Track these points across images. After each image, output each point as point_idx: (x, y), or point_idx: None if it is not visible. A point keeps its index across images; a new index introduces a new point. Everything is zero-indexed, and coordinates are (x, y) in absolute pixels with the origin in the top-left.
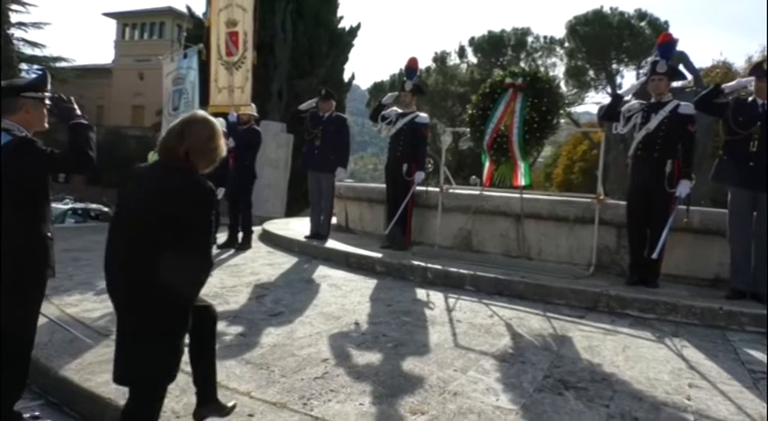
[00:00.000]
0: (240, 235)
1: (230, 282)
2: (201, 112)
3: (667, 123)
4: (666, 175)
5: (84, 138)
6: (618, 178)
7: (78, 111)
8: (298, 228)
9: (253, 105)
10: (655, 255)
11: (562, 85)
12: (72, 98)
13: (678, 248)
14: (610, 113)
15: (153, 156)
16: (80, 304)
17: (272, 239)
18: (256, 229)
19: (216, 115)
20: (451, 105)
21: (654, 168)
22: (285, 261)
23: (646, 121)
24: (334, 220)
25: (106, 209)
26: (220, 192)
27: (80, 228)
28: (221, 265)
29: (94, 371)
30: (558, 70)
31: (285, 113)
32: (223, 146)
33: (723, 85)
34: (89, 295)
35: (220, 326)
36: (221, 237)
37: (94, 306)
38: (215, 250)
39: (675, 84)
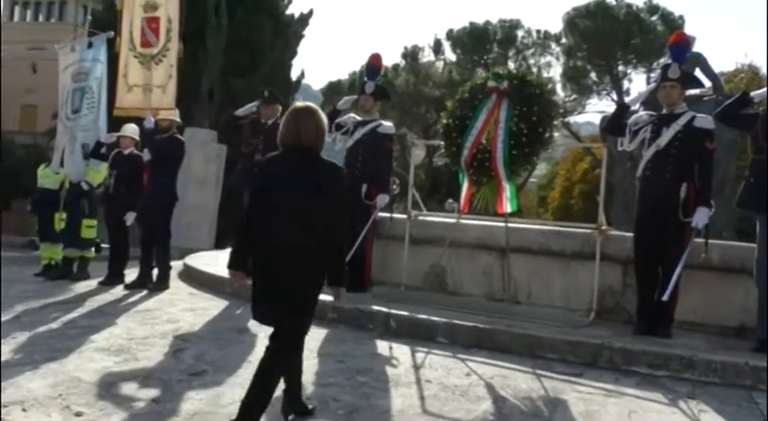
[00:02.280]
0: (155, 272)
1: (140, 331)
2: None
3: (681, 139)
4: (681, 202)
5: None
6: (624, 204)
7: None
8: None
9: (176, 110)
10: (666, 297)
11: (558, 89)
12: None
13: (695, 290)
14: (614, 126)
15: (43, 171)
16: None
17: (195, 278)
18: (176, 265)
19: (126, 120)
20: (424, 111)
21: (665, 193)
22: (212, 305)
23: (656, 136)
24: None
25: None
26: (130, 218)
27: None
28: (129, 311)
29: None
30: (554, 71)
31: (217, 119)
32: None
33: (752, 94)
34: None
35: (127, 389)
36: (130, 274)
37: None
38: (121, 291)
39: (691, 92)
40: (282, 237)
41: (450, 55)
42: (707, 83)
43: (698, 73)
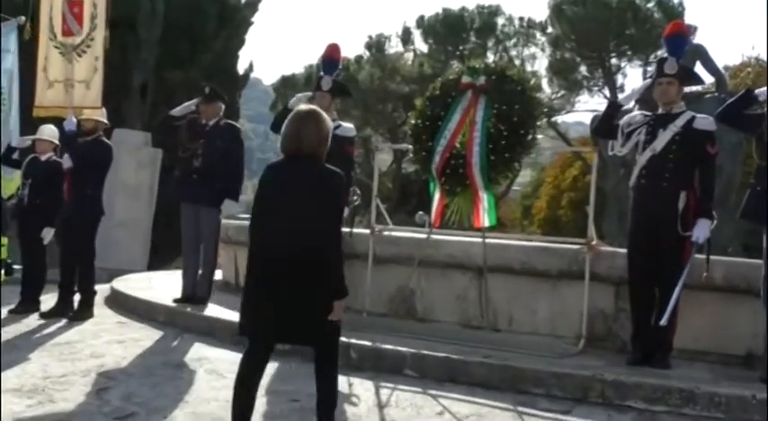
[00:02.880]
0: (76, 297)
1: (58, 369)
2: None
3: (679, 142)
4: (679, 213)
5: None
6: (618, 215)
7: None
8: (164, 287)
9: (102, 109)
10: (663, 322)
11: (544, 84)
12: None
13: (697, 313)
14: (604, 127)
15: None
16: None
17: (124, 304)
18: (101, 289)
19: (44, 121)
20: (392, 110)
21: (662, 203)
22: (143, 336)
23: (651, 139)
24: (218, 276)
25: None
26: (47, 234)
27: None
28: (45, 344)
29: None
30: (539, 65)
31: (151, 119)
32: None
33: (756, 91)
34: None
35: None
36: (47, 300)
37: None
38: (36, 320)
39: (691, 89)
40: (278, 244)
41: (421, 45)
42: (709, 78)
43: (698, 67)
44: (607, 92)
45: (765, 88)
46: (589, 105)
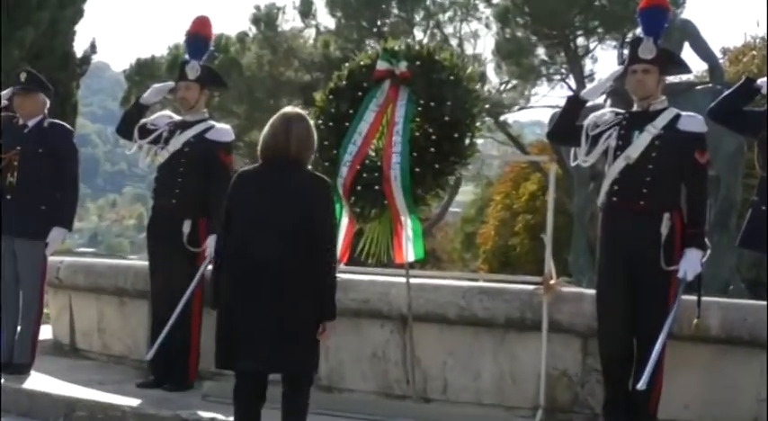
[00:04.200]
0: None
1: None
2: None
3: (660, 148)
4: (662, 241)
5: None
6: (588, 244)
7: None
8: None
9: None
10: (642, 385)
11: (489, 72)
12: None
13: (686, 373)
14: (563, 130)
15: None
16: None
17: None
18: None
19: None
20: (287, 105)
21: (640, 228)
22: None
23: (624, 145)
24: (45, 334)
25: None
26: None
27: None
28: None
29: None
30: (483, 45)
31: None
32: None
33: (759, 81)
34: None
35: None
36: None
37: None
38: None
39: (674, 79)
40: (263, 265)
41: (327, 20)
42: (699, 65)
43: (686, 51)
44: (572, 81)
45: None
46: (549, 100)
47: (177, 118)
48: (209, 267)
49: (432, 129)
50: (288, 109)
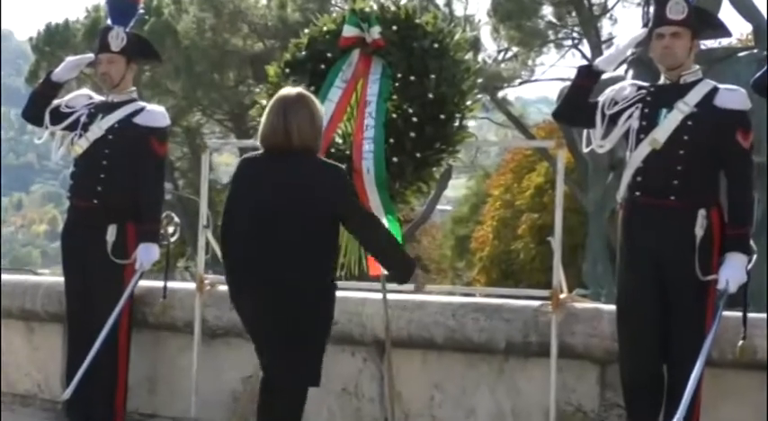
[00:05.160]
0: None
1: None
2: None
3: (693, 130)
4: (697, 244)
5: None
6: (606, 250)
7: None
8: None
9: None
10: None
11: (485, 38)
12: None
13: (731, 404)
14: (572, 108)
15: None
16: None
17: None
18: None
19: None
20: (234, 83)
21: (670, 229)
22: None
23: (649, 126)
24: None
25: None
26: None
27: None
28: None
29: None
30: (475, 6)
31: None
32: None
33: None
34: None
35: None
36: None
37: None
38: None
39: (710, 43)
40: (258, 269)
41: None
42: (741, 27)
43: (726, 9)
44: (586, 48)
45: None
46: (558, 71)
47: (98, 98)
48: (140, 283)
49: (412, 110)
50: (285, 91)
